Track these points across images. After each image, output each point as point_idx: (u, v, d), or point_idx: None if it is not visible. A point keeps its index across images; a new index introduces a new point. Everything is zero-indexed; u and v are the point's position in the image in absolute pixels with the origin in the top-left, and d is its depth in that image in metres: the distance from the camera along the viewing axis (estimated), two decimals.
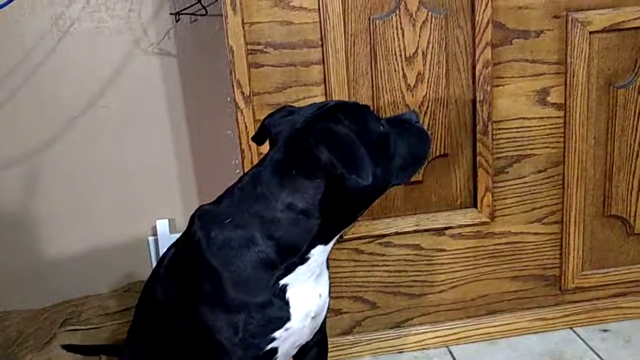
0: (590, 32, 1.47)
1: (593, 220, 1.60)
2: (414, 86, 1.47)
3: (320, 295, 1.14)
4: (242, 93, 1.41)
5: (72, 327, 1.79)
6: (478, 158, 1.52)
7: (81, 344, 1.70)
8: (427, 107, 1.48)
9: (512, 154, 1.54)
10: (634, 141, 1.55)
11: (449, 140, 1.52)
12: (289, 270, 1.07)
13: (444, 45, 1.45)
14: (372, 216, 1.54)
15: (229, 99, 1.83)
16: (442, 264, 1.59)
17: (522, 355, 1.57)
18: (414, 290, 1.59)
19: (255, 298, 1.05)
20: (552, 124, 1.53)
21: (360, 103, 1.17)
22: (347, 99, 1.43)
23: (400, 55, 1.45)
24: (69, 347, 1.67)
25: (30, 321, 1.82)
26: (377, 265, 1.57)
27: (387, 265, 1.57)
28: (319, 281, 1.14)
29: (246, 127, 1.43)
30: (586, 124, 1.52)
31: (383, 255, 1.56)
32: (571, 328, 1.65)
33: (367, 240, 1.55)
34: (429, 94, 1.48)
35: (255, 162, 1.32)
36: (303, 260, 1.07)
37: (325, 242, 1.08)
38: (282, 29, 1.40)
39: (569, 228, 1.58)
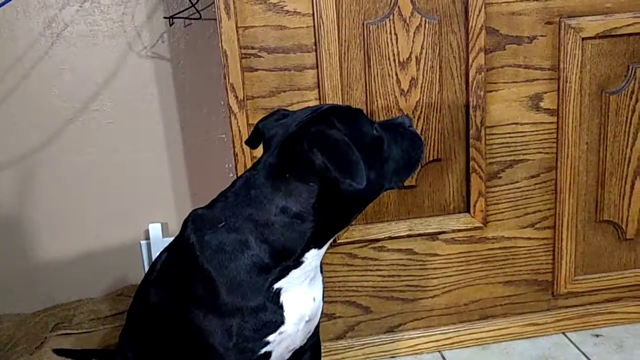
0: (583, 39, 1.47)
1: (585, 225, 1.61)
2: (408, 91, 1.47)
3: (314, 299, 1.14)
4: (236, 97, 1.41)
5: (63, 331, 1.79)
6: (471, 163, 1.52)
7: (73, 348, 1.69)
8: (421, 112, 1.49)
9: (505, 159, 1.54)
10: (626, 147, 1.56)
11: (442, 145, 1.52)
12: (283, 274, 1.07)
13: (437, 51, 1.46)
14: (366, 221, 1.54)
15: (222, 103, 1.82)
16: (435, 268, 1.59)
17: None
18: (407, 295, 1.59)
19: (249, 302, 1.05)
20: (545, 130, 1.53)
21: (353, 107, 1.17)
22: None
23: (394, 60, 1.45)
24: (60, 352, 1.66)
25: (22, 325, 1.81)
26: (371, 270, 1.57)
27: (381, 270, 1.57)
28: (313, 285, 1.14)
29: (240, 131, 1.42)
30: (579, 130, 1.53)
31: (376, 259, 1.56)
32: (563, 333, 1.65)
33: (360, 244, 1.55)
34: (423, 99, 1.48)
35: (249, 165, 1.32)
36: (297, 264, 1.07)
37: (319, 246, 1.08)
38: (276, 33, 1.40)
39: (562, 233, 1.59)
